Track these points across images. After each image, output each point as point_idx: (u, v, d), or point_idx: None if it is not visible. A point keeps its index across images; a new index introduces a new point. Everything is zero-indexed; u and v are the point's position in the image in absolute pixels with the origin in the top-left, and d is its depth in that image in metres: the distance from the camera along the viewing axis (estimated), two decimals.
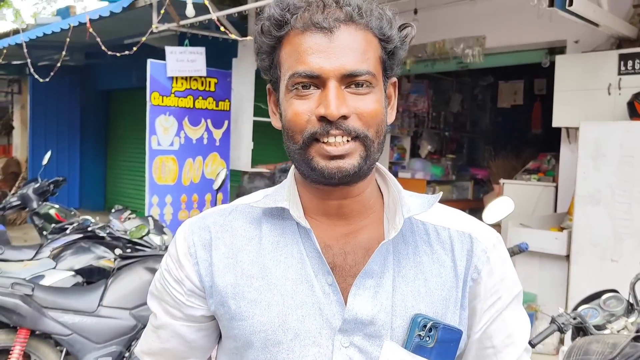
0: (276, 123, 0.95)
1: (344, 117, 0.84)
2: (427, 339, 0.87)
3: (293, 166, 0.95)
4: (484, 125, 9.33)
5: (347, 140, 0.85)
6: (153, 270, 3.24)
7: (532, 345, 2.33)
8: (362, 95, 0.86)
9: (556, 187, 5.26)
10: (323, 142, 0.85)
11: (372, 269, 0.88)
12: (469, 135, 9.09)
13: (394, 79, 0.95)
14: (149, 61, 5.28)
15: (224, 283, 0.91)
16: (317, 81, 0.85)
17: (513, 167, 6.76)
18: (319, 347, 0.87)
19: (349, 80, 0.85)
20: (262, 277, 0.90)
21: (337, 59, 0.84)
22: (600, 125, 4.07)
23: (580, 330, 2.47)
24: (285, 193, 0.93)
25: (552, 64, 4.87)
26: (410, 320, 0.88)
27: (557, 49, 4.99)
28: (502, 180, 5.85)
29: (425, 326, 0.87)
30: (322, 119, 0.84)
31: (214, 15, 4.81)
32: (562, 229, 4.49)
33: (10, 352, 2.93)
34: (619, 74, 4.29)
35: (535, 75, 7.79)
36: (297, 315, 0.88)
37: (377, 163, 0.95)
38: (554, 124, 4.75)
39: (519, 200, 4.36)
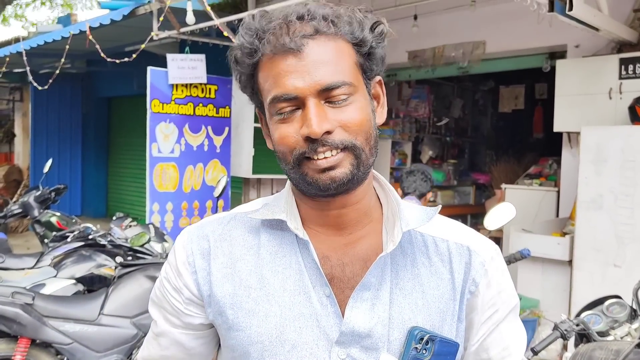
0: (270, 145, 0.95)
1: (328, 132, 0.84)
2: (424, 351, 0.87)
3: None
4: (485, 130, 9.33)
5: (337, 152, 0.85)
6: (154, 278, 3.23)
7: (535, 352, 2.32)
8: (343, 107, 0.85)
9: (558, 192, 5.25)
10: (313, 159, 0.85)
11: (370, 282, 0.88)
12: (470, 140, 9.09)
13: (379, 78, 0.94)
14: (149, 69, 5.29)
15: (222, 293, 0.91)
16: (296, 102, 0.84)
17: (515, 172, 6.75)
18: (316, 359, 0.87)
19: (327, 94, 0.84)
20: (260, 287, 0.90)
21: (310, 77, 0.83)
22: (601, 129, 4.06)
23: (584, 336, 2.46)
24: (283, 204, 0.93)
25: (553, 68, 4.87)
26: (407, 332, 0.88)
27: (557, 54, 4.99)
28: (503, 185, 5.84)
29: (422, 339, 0.87)
30: (308, 138, 0.84)
31: (214, 22, 4.82)
32: (564, 234, 4.47)
33: None
34: (620, 78, 4.29)
35: (536, 80, 7.79)
36: (294, 326, 0.88)
37: (375, 172, 0.96)
38: (555, 129, 4.75)
39: (521, 205, 4.34)
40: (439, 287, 0.92)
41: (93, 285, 3.78)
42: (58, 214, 5.15)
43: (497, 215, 2.77)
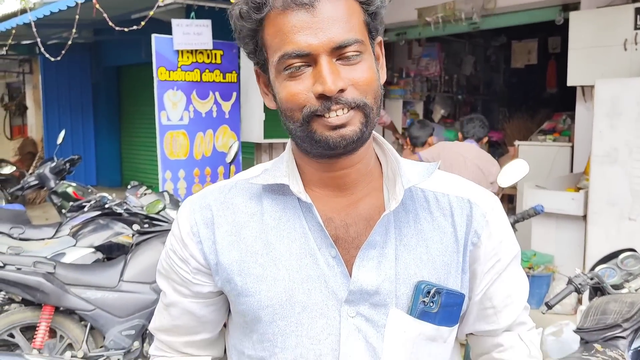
0: (270, 104, 0.94)
1: (342, 90, 0.83)
2: (431, 304, 0.89)
3: (290, 140, 0.95)
4: (498, 87, 9.21)
5: (348, 110, 0.85)
6: None
7: (550, 306, 2.34)
8: (354, 65, 0.85)
9: (572, 147, 5.21)
10: (324, 117, 0.85)
11: (375, 240, 0.89)
12: (483, 98, 8.98)
13: (379, 38, 0.93)
14: (154, 36, 5.24)
15: (228, 260, 0.92)
16: (307, 59, 0.83)
17: (528, 129, 6.68)
18: (326, 319, 0.89)
19: (339, 52, 0.83)
20: (267, 252, 0.91)
21: (323, 33, 0.82)
22: (616, 82, 3.99)
23: (598, 290, 2.47)
24: (284, 168, 0.93)
25: (566, 21, 4.76)
26: (414, 287, 0.89)
27: (570, 5, 4.87)
28: (517, 142, 5.80)
29: (429, 292, 0.89)
30: (321, 96, 0.83)
31: None
32: (578, 189, 4.45)
33: (37, 328, 3.01)
34: (635, 28, 4.19)
35: (549, 34, 7.62)
36: (303, 288, 0.89)
37: (374, 132, 0.95)
38: (569, 83, 4.67)
39: (535, 162, 4.32)
40: (442, 241, 0.93)
41: (111, 253, 3.84)
42: (74, 184, 5.20)
43: (510, 172, 2.76)
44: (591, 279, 2.39)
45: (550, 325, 3.49)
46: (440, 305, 0.90)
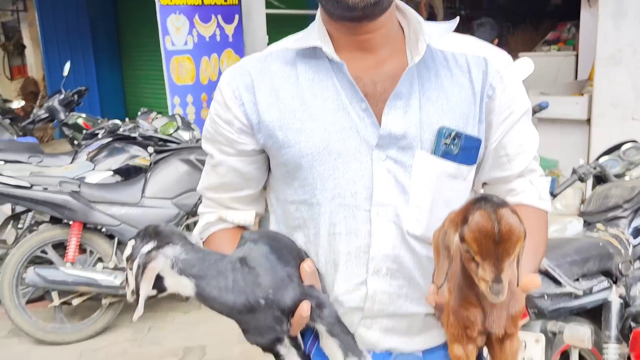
0: None
1: None
2: (452, 146, 1.01)
3: (319, 8, 1.04)
4: (501, 0, 9.01)
5: None
6: (188, 162, 3.40)
7: (554, 195, 2.46)
8: None
9: (576, 56, 5.20)
10: None
11: (401, 92, 0.99)
12: (486, 13, 8.81)
13: None
14: None
15: (270, 118, 1.03)
16: None
17: (532, 40, 6.63)
18: (359, 163, 1.00)
19: None
20: (303, 110, 1.01)
21: None
22: None
23: (601, 180, 2.59)
24: (316, 34, 1.02)
25: None
26: (437, 132, 1.00)
27: None
28: (521, 54, 5.77)
29: (449, 135, 1.00)
30: None
31: None
32: (582, 95, 4.50)
33: (67, 244, 3.17)
34: None
35: None
36: (338, 138, 1.00)
37: (397, 1, 1.04)
38: None
39: (539, 72, 4.33)
40: (461, 93, 1.02)
41: (129, 176, 3.95)
42: (84, 115, 5.27)
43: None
44: (594, 168, 2.50)
45: (554, 224, 3.64)
46: (460, 148, 1.01)
